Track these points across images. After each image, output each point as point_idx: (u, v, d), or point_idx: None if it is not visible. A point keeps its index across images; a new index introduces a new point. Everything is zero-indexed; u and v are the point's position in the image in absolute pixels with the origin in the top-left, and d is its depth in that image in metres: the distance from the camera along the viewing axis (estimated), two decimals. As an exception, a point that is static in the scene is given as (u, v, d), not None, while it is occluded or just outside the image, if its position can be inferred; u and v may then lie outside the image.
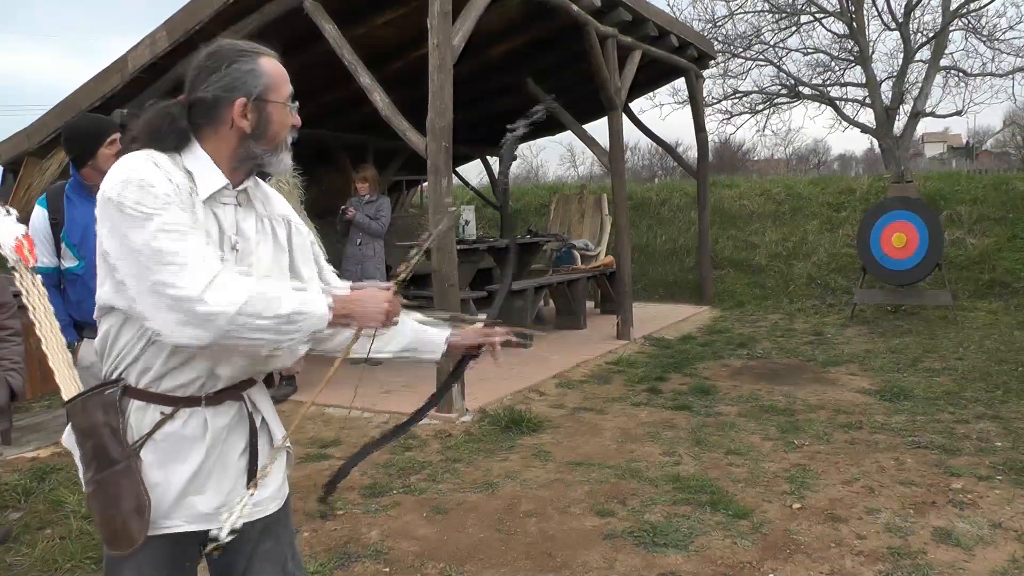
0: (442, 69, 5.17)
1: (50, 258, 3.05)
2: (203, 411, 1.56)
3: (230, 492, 1.60)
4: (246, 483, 1.62)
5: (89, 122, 3.21)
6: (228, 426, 1.60)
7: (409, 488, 4.05)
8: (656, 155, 37.46)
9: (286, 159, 1.62)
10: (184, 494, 1.55)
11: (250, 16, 5.74)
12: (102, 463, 1.50)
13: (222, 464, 1.59)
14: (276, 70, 1.59)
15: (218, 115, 1.55)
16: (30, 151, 6.80)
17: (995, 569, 3.10)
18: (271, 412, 1.72)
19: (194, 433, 1.55)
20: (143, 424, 1.54)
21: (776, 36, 18.56)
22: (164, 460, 1.54)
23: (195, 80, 1.56)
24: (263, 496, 1.65)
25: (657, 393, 5.96)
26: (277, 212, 1.70)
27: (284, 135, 1.61)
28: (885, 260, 9.05)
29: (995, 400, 5.57)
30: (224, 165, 1.57)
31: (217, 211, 1.56)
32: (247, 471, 1.62)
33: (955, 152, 42.18)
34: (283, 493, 1.72)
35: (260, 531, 1.66)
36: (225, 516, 1.59)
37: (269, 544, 1.67)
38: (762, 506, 3.75)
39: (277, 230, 1.68)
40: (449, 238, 5.33)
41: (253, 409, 1.65)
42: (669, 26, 8.68)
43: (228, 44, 1.59)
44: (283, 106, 1.59)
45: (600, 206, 10.96)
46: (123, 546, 1.50)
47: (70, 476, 4.14)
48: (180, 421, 1.55)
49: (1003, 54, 17.39)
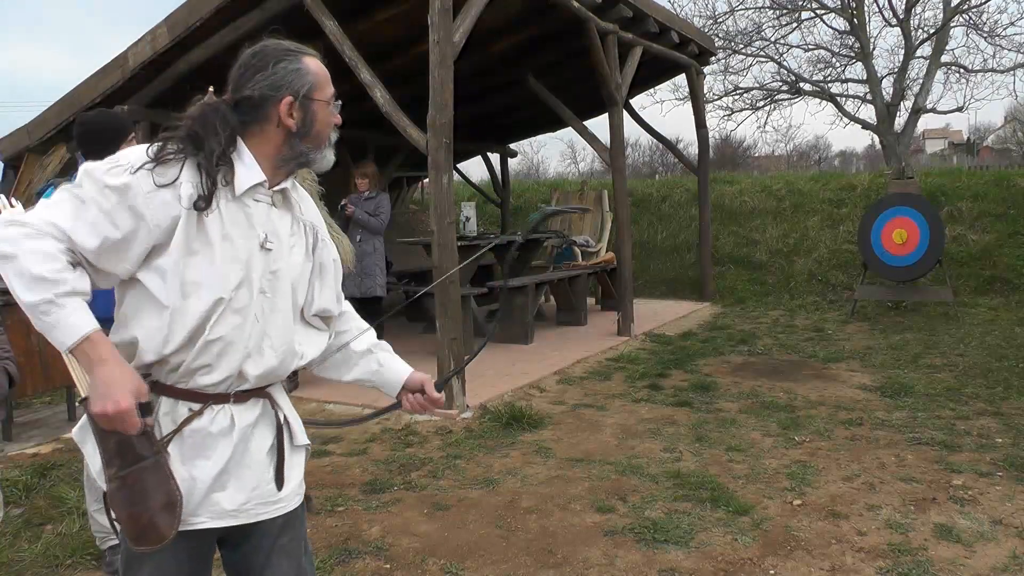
0: (443, 65, 5.17)
1: None
2: (230, 408, 1.57)
3: (254, 489, 1.60)
4: (273, 479, 1.63)
5: (110, 118, 3.24)
6: (254, 423, 1.60)
7: (410, 484, 4.05)
8: (657, 151, 37.48)
9: (329, 156, 1.64)
10: (211, 491, 1.54)
11: (251, 12, 5.73)
12: (126, 459, 1.47)
13: (247, 461, 1.59)
14: (320, 70, 1.62)
15: (264, 113, 1.56)
16: (31, 147, 6.81)
17: (996, 565, 3.10)
18: (291, 410, 1.72)
19: (221, 429, 1.55)
20: (171, 420, 1.54)
21: (777, 32, 18.56)
22: (190, 456, 1.54)
23: (241, 78, 1.56)
24: (286, 492, 1.65)
25: (658, 389, 5.96)
26: (307, 219, 1.70)
27: (328, 133, 1.64)
28: (886, 256, 9.04)
29: (996, 396, 5.57)
30: (267, 163, 1.58)
31: (250, 209, 1.56)
32: (274, 467, 1.63)
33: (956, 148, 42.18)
34: (302, 489, 1.73)
35: (280, 527, 1.66)
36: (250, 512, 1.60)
37: (286, 539, 1.67)
38: (763, 502, 3.76)
39: (308, 238, 1.69)
40: (449, 234, 5.33)
41: (276, 407, 1.66)
42: (670, 22, 8.67)
43: (273, 43, 1.60)
44: (327, 105, 1.62)
45: (601, 202, 10.96)
46: (151, 542, 1.47)
47: (71, 472, 4.15)
48: (207, 417, 1.55)
49: (1004, 50, 17.40)
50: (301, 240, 1.66)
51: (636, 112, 10.43)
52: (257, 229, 1.56)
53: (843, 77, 18.86)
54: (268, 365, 1.59)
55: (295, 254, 1.64)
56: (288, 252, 1.62)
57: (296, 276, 1.63)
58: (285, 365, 1.63)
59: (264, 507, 1.62)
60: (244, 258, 1.53)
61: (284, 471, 1.64)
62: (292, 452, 1.69)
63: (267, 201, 1.59)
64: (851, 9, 17.42)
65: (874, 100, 17.80)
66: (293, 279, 1.63)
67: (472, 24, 5.42)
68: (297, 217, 1.67)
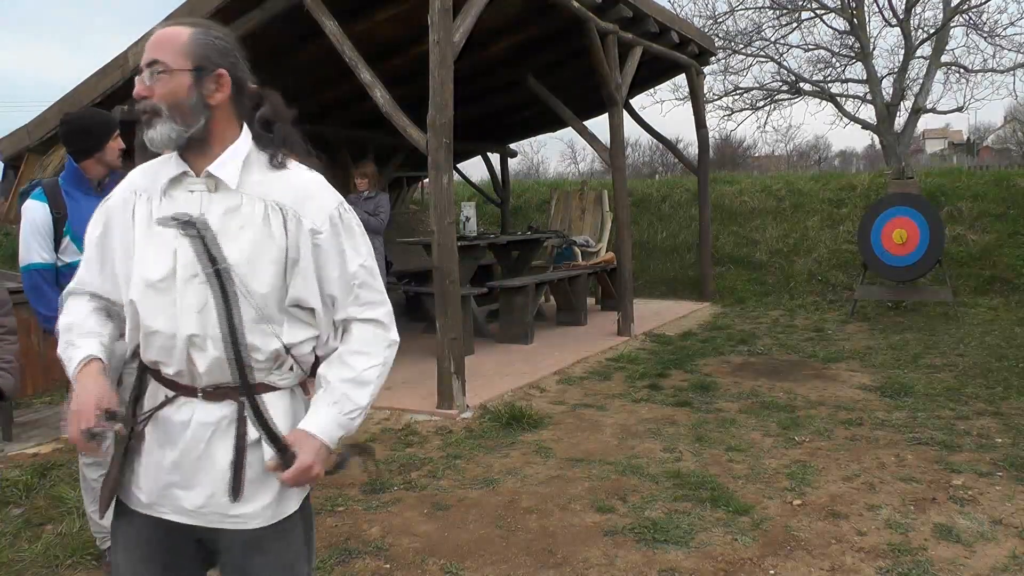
0: (443, 65, 5.17)
1: (48, 254, 3.05)
2: (196, 403, 1.55)
3: (211, 496, 1.54)
4: (229, 491, 1.53)
5: (96, 115, 3.24)
6: (214, 425, 1.53)
7: (410, 484, 4.05)
8: (657, 151, 37.47)
9: (150, 134, 1.52)
10: (172, 483, 1.55)
11: (251, 12, 5.73)
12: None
13: (207, 465, 1.53)
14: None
15: None
16: (31, 147, 6.80)
17: (996, 565, 3.10)
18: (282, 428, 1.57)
19: (181, 422, 1.55)
20: (152, 403, 1.59)
21: (777, 32, 18.57)
22: (160, 442, 1.56)
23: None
24: (247, 510, 1.55)
25: (658, 389, 5.96)
26: (272, 197, 1.55)
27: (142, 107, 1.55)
28: (886, 256, 9.04)
29: (996, 396, 5.57)
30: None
31: (177, 200, 1.56)
32: (231, 480, 1.53)
33: (956, 148, 42.19)
34: (277, 513, 1.59)
35: (244, 545, 1.57)
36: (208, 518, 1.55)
37: (257, 561, 1.59)
38: (763, 502, 3.76)
39: (272, 219, 1.54)
40: (449, 234, 5.33)
41: (255, 418, 1.54)
42: (670, 22, 8.67)
43: None
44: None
45: (601, 202, 10.96)
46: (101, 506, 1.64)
47: (71, 472, 4.15)
48: (174, 407, 1.56)
49: (1004, 50, 17.41)
50: (254, 222, 1.53)
51: (636, 112, 10.43)
52: (181, 217, 1.54)
53: (843, 77, 18.89)
54: (211, 357, 1.51)
55: (242, 237, 1.52)
56: (233, 235, 1.52)
57: (243, 259, 1.51)
58: (239, 359, 1.52)
59: (220, 517, 1.55)
60: (172, 247, 1.53)
61: (241, 484, 1.53)
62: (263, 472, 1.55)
63: (201, 188, 1.55)
64: (851, 9, 17.43)
65: (874, 100, 17.81)
66: (237, 262, 1.51)
67: (472, 24, 5.42)
68: (252, 198, 1.54)
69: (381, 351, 1.63)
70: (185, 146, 1.53)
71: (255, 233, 1.53)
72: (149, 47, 1.53)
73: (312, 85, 7.69)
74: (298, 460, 1.52)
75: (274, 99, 1.62)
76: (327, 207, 1.58)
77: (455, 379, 5.30)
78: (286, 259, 1.54)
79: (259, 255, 1.52)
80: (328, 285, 1.58)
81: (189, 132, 1.51)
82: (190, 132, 1.51)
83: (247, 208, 1.54)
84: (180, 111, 1.50)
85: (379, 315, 1.63)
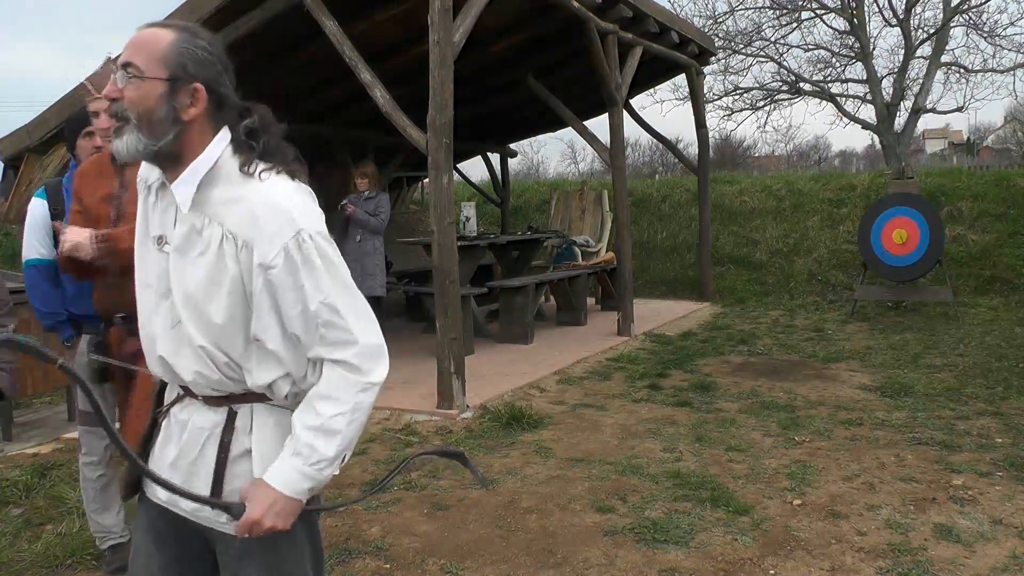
0: (443, 65, 5.17)
1: (47, 250, 3.05)
2: (196, 406, 1.55)
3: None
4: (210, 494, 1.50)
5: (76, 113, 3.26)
6: (208, 431, 1.52)
7: (410, 484, 4.05)
8: (657, 151, 37.47)
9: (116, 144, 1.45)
10: (171, 478, 1.55)
11: (251, 12, 5.73)
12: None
13: (200, 469, 1.52)
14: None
15: None
16: (31, 147, 6.80)
17: (995, 565, 3.10)
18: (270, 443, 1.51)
19: (180, 421, 1.56)
20: (169, 398, 1.62)
21: (777, 32, 18.60)
22: (166, 438, 1.59)
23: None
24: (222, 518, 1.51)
25: (658, 389, 5.96)
26: (228, 223, 1.43)
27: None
28: (886, 256, 9.05)
29: (996, 396, 5.57)
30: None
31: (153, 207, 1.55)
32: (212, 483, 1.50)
33: (956, 148, 42.18)
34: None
35: (239, 549, 1.53)
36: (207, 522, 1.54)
37: (252, 568, 1.55)
38: (763, 502, 3.76)
39: (226, 249, 1.43)
40: (449, 234, 5.33)
41: (244, 426, 1.51)
42: (670, 22, 8.67)
43: None
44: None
45: (601, 202, 10.96)
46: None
47: (71, 472, 4.15)
48: (180, 406, 1.57)
49: (1004, 50, 17.44)
50: (211, 248, 1.44)
51: (636, 112, 10.43)
52: (152, 228, 1.53)
53: (843, 77, 18.92)
54: (191, 370, 1.48)
55: (200, 263, 1.44)
56: (193, 260, 1.45)
57: (199, 288, 1.44)
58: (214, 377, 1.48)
59: (210, 521, 1.53)
60: (147, 258, 1.53)
61: (222, 488, 1.50)
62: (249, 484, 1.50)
63: (171, 200, 1.49)
64: (851, 9, 17.44)
65: (874, 100, 17.82)
66: (188, 291, 1.45)
67: (472, 24, 5.42)
68: (212, 221, 1.44)
69: (350, 396, 1.46)
70: (154, 160, 1.46)
71: (211, 260, 1.44)
72: (127, 47, 1.42)
73: (312, 85, 7.70)
74: (245, 512, 1.44)
75: (262, 112, 1.52)
76: (282, 236, 1.41)
77: (455, 379, 5.30)
78: (243, 290, 1.45)
79: (215, 284, 1.44)
80: (290, 323, 1.45)
81: (156, 146, 1.42)
82: (158, 146, 1.42)
83: (207, 232, 1.45)
84: (148, 122, 1.40)
85: (347, 356, 1.45)
